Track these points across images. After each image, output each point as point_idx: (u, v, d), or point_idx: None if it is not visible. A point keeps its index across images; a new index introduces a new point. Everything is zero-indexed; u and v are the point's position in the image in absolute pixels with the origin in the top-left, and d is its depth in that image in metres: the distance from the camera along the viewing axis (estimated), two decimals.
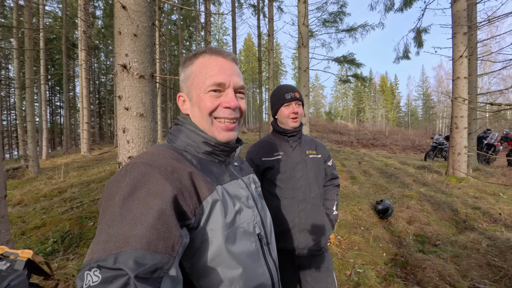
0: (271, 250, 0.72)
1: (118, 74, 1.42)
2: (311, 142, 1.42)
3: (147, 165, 0.53)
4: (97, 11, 21.56)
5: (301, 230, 1.26)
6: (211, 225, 0.56)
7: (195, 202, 0.54)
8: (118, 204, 0.46)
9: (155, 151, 0.60)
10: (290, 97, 1.27)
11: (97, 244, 0.42)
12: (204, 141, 0.66)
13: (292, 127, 1.30)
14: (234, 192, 0.66)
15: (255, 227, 0.66)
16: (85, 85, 11.33)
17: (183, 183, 0.54)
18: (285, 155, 1.31)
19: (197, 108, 0.65)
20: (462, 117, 5.70)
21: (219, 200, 0.59)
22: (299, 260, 1.29)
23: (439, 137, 10.83)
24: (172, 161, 0.58)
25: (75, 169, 8.25)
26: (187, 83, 0.67)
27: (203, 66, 0.64)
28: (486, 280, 2.28)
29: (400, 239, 3.18)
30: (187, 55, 0.68)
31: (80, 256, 2.80)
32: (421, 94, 54.01)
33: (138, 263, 0.41)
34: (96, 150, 14.14)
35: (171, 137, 0.70)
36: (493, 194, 4.82)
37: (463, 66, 5.64)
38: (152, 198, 0.47)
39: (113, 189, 0.51)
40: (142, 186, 0.49)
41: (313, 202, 1.29)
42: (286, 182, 1.28)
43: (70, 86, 24.65)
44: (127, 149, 1.47)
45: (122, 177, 0.52)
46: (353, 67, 9.76)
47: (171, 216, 0.47)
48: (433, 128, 39.68)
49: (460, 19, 5.60)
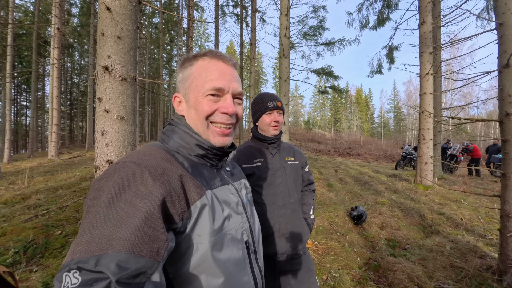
0: (258, 258, 0.71)
1: (99, 75, 1.39)
2: (289, 149, 1.46)
3: (137, 165, 0.52)
4: (73, 8, 20.62)
5: (281, 235, 1.28)
6: (198, 230, 0.55)
7: (183, 206, 0.53)
8: (104, 204, 0.45)
9: (147, 151, 0.59)
10: (272, 106, 1.30)
11: (79, 244, 0.41)
12: (198, 143, 0.65)
13: (273, 134, 1.33)
14: (224, 197, 0.65)
15: (243, 234, 0.65)
16: (57, 84, 10.69)
17: (172, 186, 0.53)
18: (265, 161, 1.33)
19: (193, 111, 0.64)
20: (428, 129, 6.16)
21: (207, 205, 0.58)
22: (279, 265, 1.30)
23: (409, 148, 11.56)
24: (163, 162, 0.56)
25: (41, 174, 7.67)
26: (185, 84, 0.66)
27: (203, 69, 0.64)
28: (449, 280, 2.45)
29: (373, 244, 3.33)
30: (186, 55, 0.68)
31: (45, 267, 2.60)
32: (392, 107, 57.49)
33: (121, 266, 0.39)
34: (65, 154, 13.27)
35: (164, 137, 0.68)
36: (456, 201, 5.23)
37: (429, 82, 6.14)
38: (140, 199, 0.46)
39: (100, 187, 0.49)
40: (130, 186, 0.48)
41: (292, 208, 1.33)
42: (266, 189, 1.29)
43: (39, 85, 23.09)
44: (105, 152, 1.42)
45: (110, 175, 0.50)
46: (331, 79, 10.19)
47: (158, 219, 0.46)
48: (403, 139, 42.20)
49: (427, 40, 6.12)
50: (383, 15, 9.92)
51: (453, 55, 21.64)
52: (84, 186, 5.83)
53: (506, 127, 2.40)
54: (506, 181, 2.39)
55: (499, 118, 2.50)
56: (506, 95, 2.40)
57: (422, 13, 6.19)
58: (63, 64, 25.09)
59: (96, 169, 1.46)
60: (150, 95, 27.53)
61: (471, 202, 5.18)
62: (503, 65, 2.42)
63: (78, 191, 5.46)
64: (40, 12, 14.56)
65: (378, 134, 55.60)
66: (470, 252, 2.96)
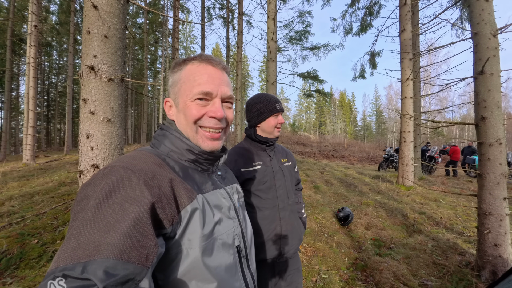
0: (249, 263, 0.71)
1: (84, 75, 1.32)
2: (282, 151, 1.45)
3: (127, 169, 0.51)
4: (52, 5, 19.73)
5: (282, 237, 1.27)
6: (189, 235, 0.54)
7: (173, 211, 0.53)
8: (92, 209, 0.44)
9: (137, 155, 0.58)
10: (280, 108, 1.29)
11: (65, 251, 0.39)
12: (188, 148, 0.64)
13: (276, 136, 1.32)
14: (216, 201, 0.64)
15: (234, 239, 0.65)
16: (33, 84, 10.15)
17: (162, 190, 0.52)
18: (264, 164, 1.30)
19: (182, 115, 0.64)
20: (409, 132, 6.42)
21: (198, 209, 0.57)
22: (278, 267, 1.30)
23: (390, 150, 11.98)
24: (153, 166, 0.56)
25: (15, 179, 7.21)
26: (175, 89, 0.66)
27: (191, 73, 0.63)
28: (432, 277, 2.55)
29: (359, 244, 3.40)
30: (177, 60, 0.67)
31: (20, 279, 2.43)
32: (374, 110, 59.52)
33: (108, 273, 0.38)
34: (42, 158, 12.59)
35: (155, 141, 0.68)
36: (435, 200, 5.47)
37: (410, 87, 6.41)
38: (128, 204, 0.45)
39: (87, 192, 0.48)
40: (119, 191, 0.47)
41: (291, 209, 1.33)
42: (266, 192, 1.27)
43: (13, 85, 21.84)
44: (90, 156, 1.35)
45: (98, 180, 0.49)
46: (316, 82, 10.41)
47: (147, 224, 0.45)
48: (385, 142, 43.73)
49: (407, 47, 6.40)
50: (366, 22, 10.28)
51: (430, 62, 22.77)
52: (63, 192, 5.55)
53: (482, 130, 2.55)
54: (482, 181, 2.53)
55: (475, 121, 2.65)
56: (481, 100, 2.54)
57: (403, 21, 6.47)
58: (40, 63, 23.91)
59: (80, 174, 1.39)
60: (134, 97, 26.79)
61: (449, 201, 5.44)
62: (478, 72, 2.57)
63: (56, 197, 5.18)
64: (16, 9, 13.83)
65: (361, 137, 57.28)
66: (450, 249, 3.09)
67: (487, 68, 2.51)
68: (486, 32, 2.55)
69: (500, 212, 2.42)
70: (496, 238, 2.42)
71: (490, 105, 2.49)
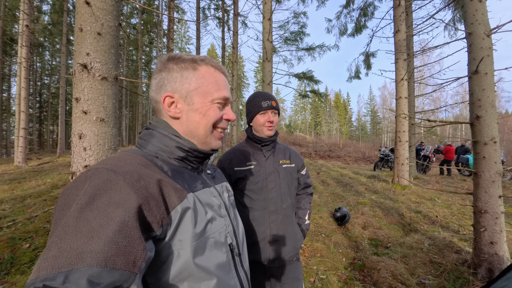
0: (242, 261, 0.71)
1: (77, 74, 1.28)
2: (285, 151, 1.39)
3: (111, 171, 0.49)
4: (44, 5, 19.44)
5: (272, 242, 1.24)
6: (180, 235, 0.53)
7: (162, 212, 0.51)
8: (74, 214, 0.41)
9: (122, 156, 0.56)
10: (266, 105, 1.24)
11: (45, 260, 0.37)
12: (178, 145, 0.63)
13: (267, 135, 1.27)
14: (206, 200, 0.64)
15: (226, 237, 0.65)
16: (24, 85, 9.96)
17: (150, 192, 0.50)
18: (258, 164, 1.28)
19: (199, 115, 0.65)
20: (404, 131, 6.47)
21: (190, 208, 0.56)
22: (270, 271, 1.27)
23: (385, 150, 12.08)
24: (140, 167, 0.54)
25: (6, 182, 7.05)
26: (186, 85, 0.64)
27: (212, 76, 0.66)
28: (430, 276, 2.56)
29: (357, 244, 3.40)
30: (175, 54, 0.66)
31: (11, 285, 2.36)
32: (369, 110, 60.07)
33: (92, 282, 0.36)
34: (34, 160, 12.35)
35: (141, 141, 0.66)
36: (430, 199, 5.51)
37: (404, 87, 6.47)
38: (113, 208, 0.43)
39: (69, 196, 0.45)
40: (103, 194, 0.45)
41: (284, 213, 1.28)
42: (257, 193, 1.24)
43: (4, 86, 21.44)
44: (83, 157, 1.31)
45: (81, 183, 0.47)
46: (311, 83, 10.46)
47: (134, 228, 0.44)
48: (380, 141, 44.14)
49: (401, 47, 6.46)
50: (360, 23, 10.37)
51: (424, 63, 23.10)
52: (55, 194, 5.44)
53: (477, 129, 2.57)
54: (478, 180, 2.55)
55: (470, 120, 2.67)
56: (476, 99, 2.57)
57: (397, 22, 6.53)
58: (32, 64, 23.52)
59: (72, 176, 1.35)
60: (128, 98, 26.53)
61: (444, 200, 5.49)
62: (473, 71, 2.60)
63: (49, 199, 5.08)
64: (6, 8, 13.58)
65: (356, 137, 57.74)
66: (447, 247, 3.11)
67: (481, 67, 2.53)
68: (480, 32, 2.58)
69: (495, 210, 2.44)
70: (492, 236, 2.44)
71: (485, 104, 2.51)
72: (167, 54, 0.67)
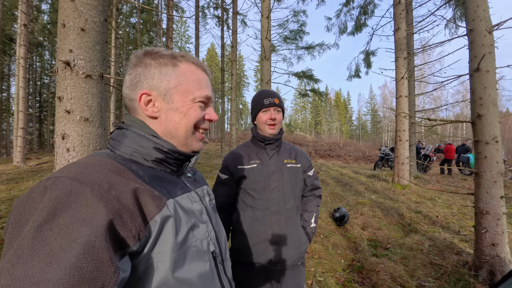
0: (226, 268, 0.68)
1: (59, 71, 1.23)
2: (291, 151, 1.36)
3: (75, 181, 0.42)
4: (43, 4, 19.40)
5: (274, 243, 1.20)
6: (159, 247, 0.48)
7: (139, 225, 0.45)
8: (30, 234, 0.35)
9: (89, 162, 0.48)
10: (268, 103, 1.22)
11: None
12: (155, 146, 0.58)
13: (270, 134, 1.24)
14: (188, 206, 0.60)
15: (209, 244, 0.61)
16: (23, 85, 9.92)
17: (123, 203, 0.44)
18: (261, 163, 1.25)
19: (179, 114, 0.60)
20: (404, 130, 6.41)
21: (171, 216, 0.51)
22: (271, 274, 1.23)
23: (386, 149, 12.01)
24: (110, 174, 0.47)
25: (3, 182, 7.02)
26: (165, 83, 0.59)
27: (193, 74, 0.62)
28: (430, 278, 2.50)
29: (356, 245, 3.35)
30: (155, 49, 0.61)
31: None
32: (369, 109, 59.92)
33: None
34: (33, 160, 12.33)
35: (113, 142, 0.59)
36: (431, 199, 5.45)
37: (404, 86, 6.40)
38: (78, 226, 0.37)
39: (25, 211, 0.39)
40: (65, 210, 0.38)
41: (287, 215, 1.24)
42: (260, 192, 1.22)
43: (3, 86, 21.43)
44: (66, 159, 1.25)
45: (39, 195, 0.40)
46: (311, 82, 10.38)
47: (102, 248, 0.38)
48: (380, 141, 44.02)
49: (401, 46, 6.39)
50: (360, 21, 10.29)
51: (424, 61, 22.97)
52: None
53: (478, 128, 2.51)
54: (479, 180, 2.49)
55: (471, 119, 2.61)
56: (477, 98, 2.51)
57: (397, 20, 6.46)
58: (32, 63, 23.49)
59: None
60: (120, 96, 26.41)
61: (445, 199, 5.43)
62: (474, 69, 2.53)
63: None
64: (5, 7, 13.52)
65: (356, 136, 57.59)
66: (447, 248, 3.06)
67: (483, 65, 2.47)
68: (482, 29, 2.52)
69: (497, 211, 2.38)
70: (493, 237, 2.38)
71: (486, 102, 2.45)
72: (144, 49, 0.61)
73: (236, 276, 1.21)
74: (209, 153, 17.08)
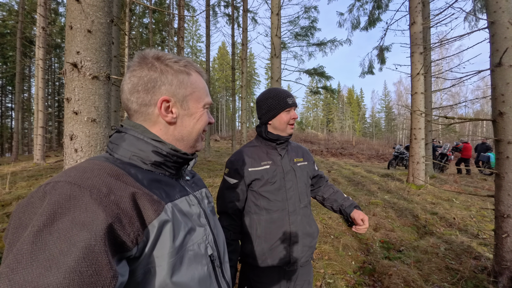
0: (224, 271, 0.68)
1: (67, 73, 1.25)
2: (297, 149, 1.35)
3: (74, 186, 0.42)
4: (60, 7, 20.12)
5: (292, 244, 1.18)
6: (157, 251, 0.48)
7: (137, 229, 0.45)
8: (30, 239, 0.35)
9: (88, 166, 0.49)
10: (292, 102, 1.20)
11: None
12: (154, 150, 0.58)
13: (289, 133, 1.23)
14: (186, 209, 0.60)
15: (207, 247, 0.61)
16: (42, 85, 10.34)
17: (122, 207, 0.45)
18: (273, 164, 1.22)
19: (194, 120, 0.65)
20: (420, 128, 6.18)
21: (169, 221, 0.51)
22: (287, 275, 1.22)
23: (400, 147, 11.67)
24: (109, 178, 0.47)
25: (24, 178, 7.36)
26: (182, 90, 0.62)
27: (201, 82, 0.67)
28: (445, 283, 2.40)
29: (367, 247, 3.26)
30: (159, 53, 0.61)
31: None
32: (383, 107, 58.34)
33: None
34: (52, 158, 12.86)
35: (112, 146, 0.59)
36: (448, 200, 5.24)
37: (420, 82, 6.16)
38: (77, 230, 0.37)
39: (25, 216, 0.39)
40: (65, 214, 0.38)
41: (303, 213, 1.23)
42: (275, 194, 1.19)
43: (25, 87, 22.43)
44: (74, 159, 1.28)
45: (39, 200, 0.40)
46: (322, 79, 10.20)
47: (102, 252, 0.38)
48: (394, 139, 42.85)
49: (417, 40, 6.15)
50: (374, 16, 9.98)
51: (442, 56, 22.09)
52: None
53: (500, 126, 2.37)
54: (500, 181, 2.36)
55: (492, 117, 2.47)
56: (499, 94, 2.36)
57: (413, 14, 6.21)
58: (50, 64, 24.43)
59: None
60: None
61: (463, 201, 5.20)
62: (496, 64, 2.39)
63: None
64: (25, 11, 14.12)
65: (369, 134, 56.29)
66: (465, 252, 2.92)
67: (505, 59, 2.32)
68: (504, 21, 2.36)
69: None
70: None
71: (509, 99, 2.31)
72: (150, 52, 0.61)
73: (249, 282, 1.21)
74: (220, 151, 17.21)
